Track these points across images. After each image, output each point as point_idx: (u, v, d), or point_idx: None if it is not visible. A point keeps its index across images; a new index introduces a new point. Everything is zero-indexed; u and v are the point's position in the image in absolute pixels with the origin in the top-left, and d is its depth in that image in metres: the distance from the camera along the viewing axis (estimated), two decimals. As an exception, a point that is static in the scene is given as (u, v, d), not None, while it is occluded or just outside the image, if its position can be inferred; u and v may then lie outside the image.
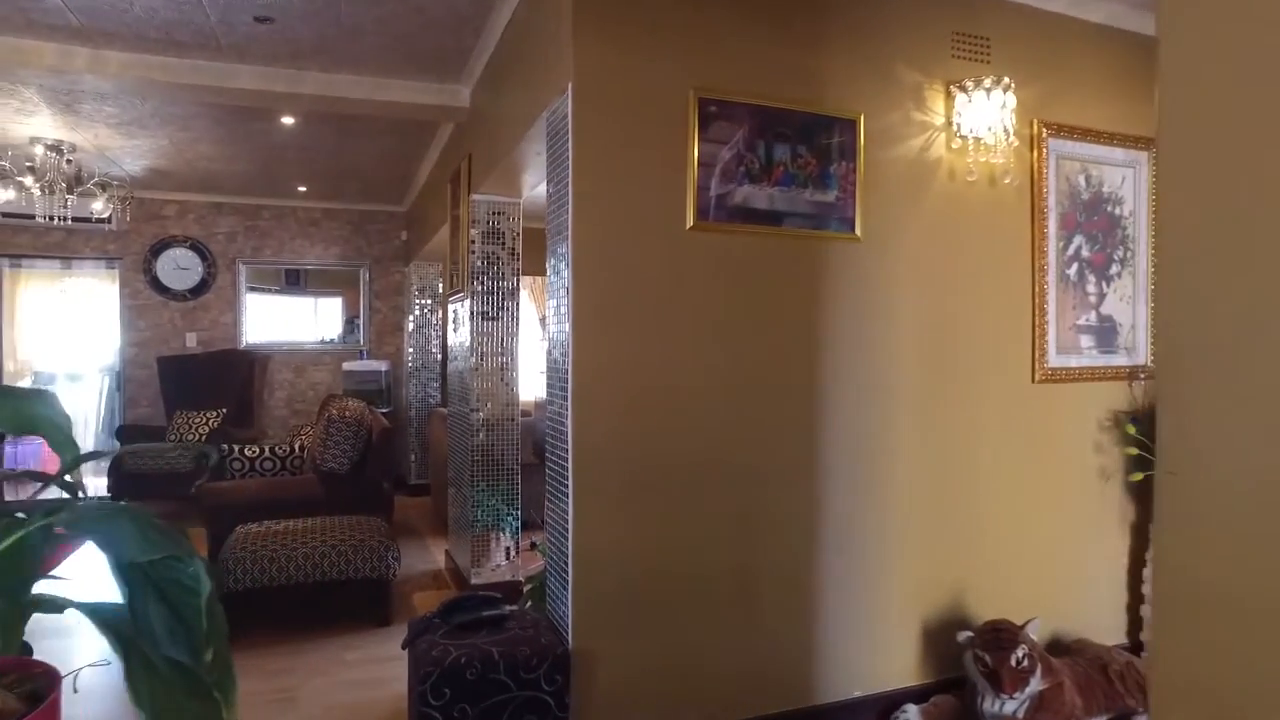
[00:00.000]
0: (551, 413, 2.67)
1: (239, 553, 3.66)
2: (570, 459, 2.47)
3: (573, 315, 2.48)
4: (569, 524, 2.48)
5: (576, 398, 2.46)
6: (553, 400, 2.65)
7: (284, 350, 7.54)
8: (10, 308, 9.21)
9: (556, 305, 2.62)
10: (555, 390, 2.63)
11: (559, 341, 2.59)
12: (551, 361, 2.68)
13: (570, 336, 2.48)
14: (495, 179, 3.96)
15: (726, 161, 2.65)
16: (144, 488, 6.22)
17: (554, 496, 2.66)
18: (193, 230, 7.25)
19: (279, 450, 4.89)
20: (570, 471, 2.47)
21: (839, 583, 2.81)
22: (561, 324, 2.57)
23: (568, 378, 2.48)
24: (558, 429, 2.60)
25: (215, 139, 5.33)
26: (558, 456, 2.60)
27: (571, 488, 2.46)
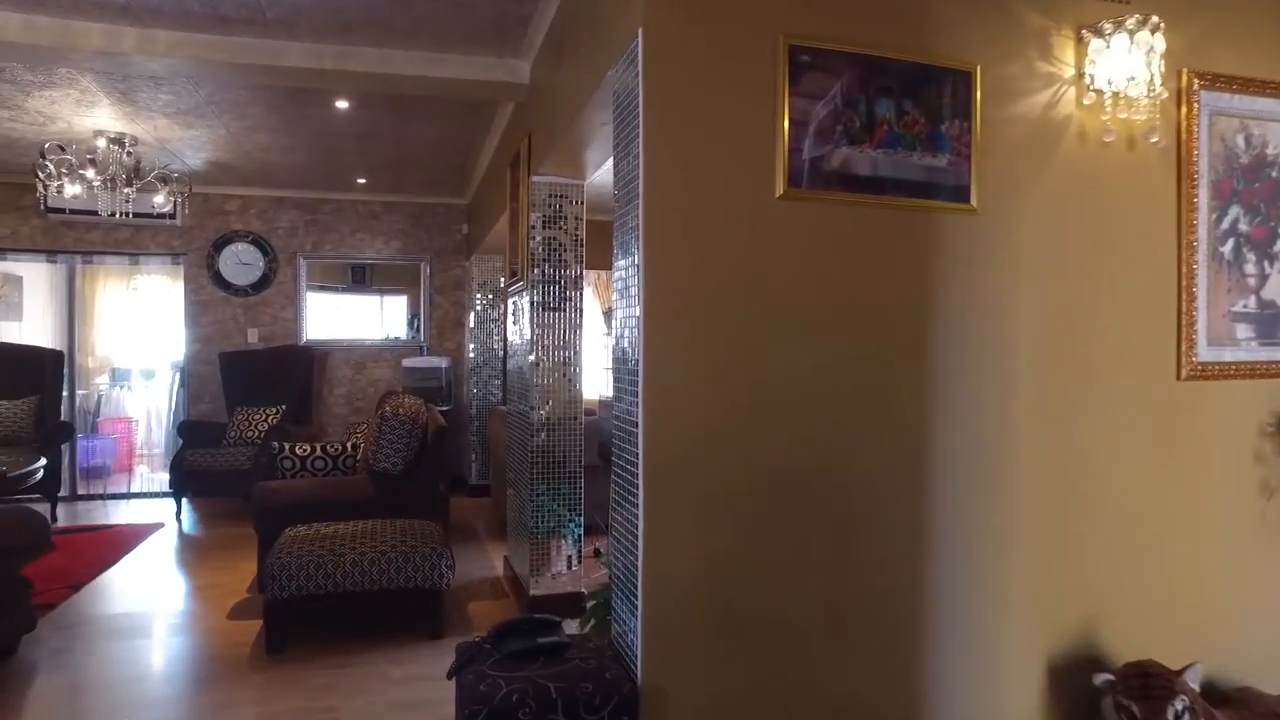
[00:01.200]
0: (619, 411, 2.33)
1: (284, 558, 3.44)
2: (641, 464, 2.13)
3: (644, 300, 2.14)
4: (639, 538, 2.15)
5: (648, 394, 2.12)
6: (621, 397, 2.31)
7: (344, 346, 7.43)
8: (88, 306, 9.39)
9: (626, 289, 2.29)
10: (624, 386, 2.29)
11: (628, 331, 2.26)
12: (619, 354, 2.34)
13: (642, 324, 2.13)
14: (556, 158, 3.66)
15: (822, 119, 2.28)
16: (205, 485, 6.16)
17: (621, 505, 2.32)
18: (254, 225, 7.19)
19: (331, 449, 4.70)
20: (641, 478, 2.13)
21: (949, 611, 2.41)
22: (631, 310, 2.23)
23: (638, 371, 2.14)
24: (626, 429, 2.26)
25: (272, 127, 5.18)
26: (626, 460, 2.27)
27: (642, 496, 2.13)
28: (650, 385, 2.12)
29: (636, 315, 2.17)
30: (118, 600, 4.22)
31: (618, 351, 2.35)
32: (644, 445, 2.12)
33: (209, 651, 3.56)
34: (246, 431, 6.39)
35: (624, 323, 2.30)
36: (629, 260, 2.26)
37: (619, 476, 2.33)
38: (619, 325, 2.34)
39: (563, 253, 3.95)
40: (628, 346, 2.26)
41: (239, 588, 4.35)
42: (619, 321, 2.33)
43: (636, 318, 2.17)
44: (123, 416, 9.09)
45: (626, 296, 2.27)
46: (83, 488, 7.25)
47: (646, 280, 2.14)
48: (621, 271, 2.33)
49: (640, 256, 2.15)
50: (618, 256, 2.37)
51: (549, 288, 3.94)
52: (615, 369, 2.37)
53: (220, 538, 5.53)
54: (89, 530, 5.70)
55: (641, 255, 2.15)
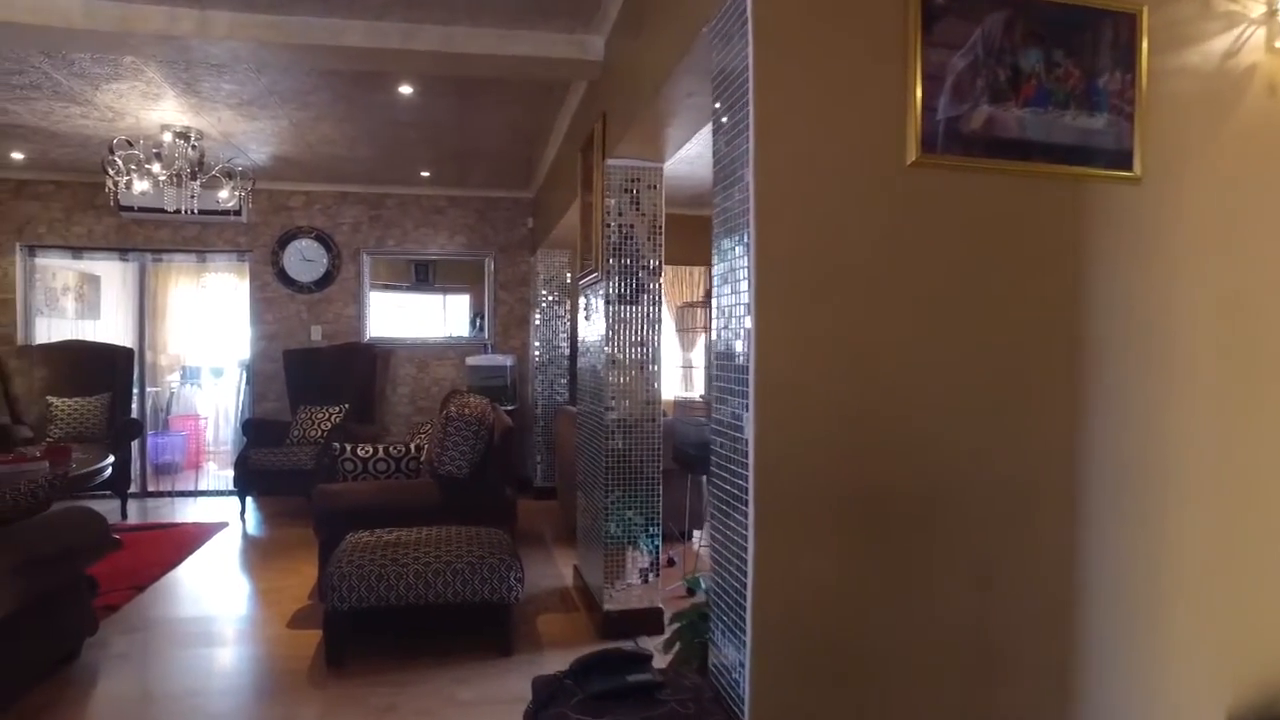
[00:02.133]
0: (723, 414, 2.02)
1: (345, 568, 3.23)
2: (751, 475, 1.81)
3: (756, 288, 1.82)
4: (748, 564, 1.83)
5: (761, 395, 1.81)
6: (725, 399, 2.00)
7: (407, 344, 7.29)
8: (160, 305, 9.52)
9: (731, 274, 1.98)
10: (729, 386, 1.98)
11: (734, 323, 1.95)
12: (723, 352, 2.03)
13: (754, 317, 1.82)
14: (634, 138, 3.37)
15: (960, 72, 1.93)
16: (268, 484, 6.07)
17: (725, 522, 2.01)
18: (318, 221, 7.11)
19: (394, 450, 4.51)
20: (751, 492, 1.81)
21: (1106, 654, 2.03)
22: (739, 299, 1.92)
23: (748, 372, 1.83)
24: (731, 439, 1.95)
25: (335, 117, 5.02)
26: (731, 474, 1.96)
27: (752, 514, 1.81)
28: (763, 385, 1.81)
29: (746, 303, 1.86)
30: (180, 603, 4.10)
31: (721, 351, 2.04)
32: (755, 454, 1.80)
33: (268, 663, 3.38)
34: (309, 430, 6.28)
35: (728, 314, 1.99)
36: (735, 241, 1.95)
37: (722, 489, 2.02)
38: (721, 317, 2.03)
39: (640, 242, 3.66)
40: (735, 345, 1.94)
41: (300, 593, 4.18)
42: (722, 313, 2.03)
43: (746, 305, 1.86)
44: (193, 414, 9.18)
45: (732, 283, 1.96)
46: (153, 484, 7.28)
47: (758, 264, 1.82)
48: (726, 255, 2.02)
49: (751, 236, 1.83)
50: (720, 237, 2.06)
51: (625, 280, 3.65)
52: (718, 370, 2.06)
53: (283, 539, 5.41)
54: (156, 528, 5.65)
55: (752, 235, 1.83)
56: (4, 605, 2.72)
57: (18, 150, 5.90)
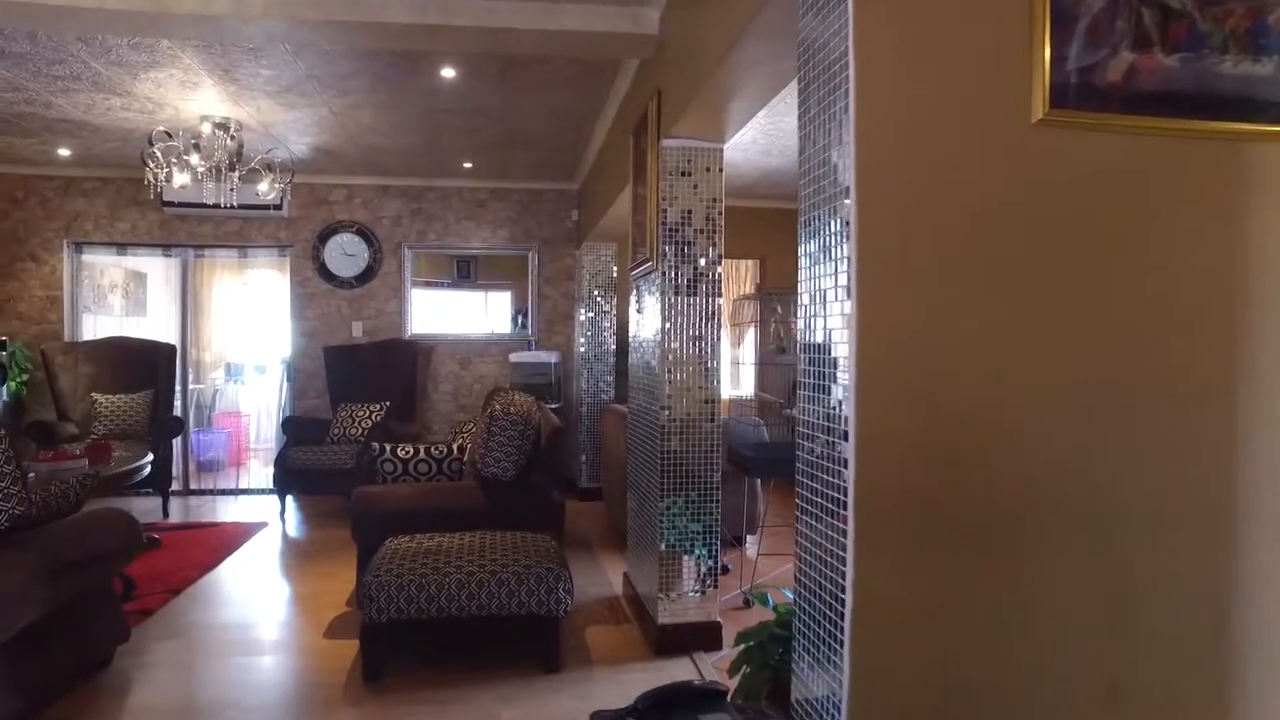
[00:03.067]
0: (811, 415, 1.75)
1: (383, 577, 3.03)
2: (852, 486, 1.54)
3: (857, 269, 1.55)
4: (847, 585, 1.56)
5: (864, 393, 1.53)
6: (815, 396, 1.73)
7: (449, 341, 7.12)
8: (204, 301, 9.52)
9: (825, 255, 1.70)
10: (821, 384, 1.70)
11: (830, 311, 1.67)
12: (814, 343, 1.75)
13: (855, 302, 1.54)
14: (693, 116, 3.12)
15: (1096, 14, 1.63)
16: (308, 483, 5.94)
17: (816, 540, 1.74)
18: (359, 215, 6.97)
19: (436, 451, 4.31)
20: (852, 505, 1.54)
21: (1270, 707, 1.72)
22: (835, 283, 1.64)
23: (849, 364, 1.56)
24: (825, 441, 1.68)
25: (375, 104, 4.84)
26: (824, 481, 1.68)
27: (853, 531, 1.54)
28: (866, 378, 1.54)
29: (844, 285, 1.58)
30: (216, 608, 3.95)
31: (809, 337, 1.77)
32: (857, 457, 1.53)
33: (304, 676, 3.19)
34: (350, 429, 6.14)
35: (820, 299, 1.71)
36: (830, 216, 1.67)
37: (811, 498, 1.75)
38: (811, 303, 1.75)
39: (698, 228, 3.40)
40: (828, 330, 1.67)
41: (339, 599, 4.00)
42: (812, 298, 1.75)
43: (844, 288, 1.58)
44: (236, 411, 9.17)
45: (825, 264, 1.68)
46: (197, 482, 7.22)
47: (860, 242, 1.54)
48: (818, 233, 1.74)
49: (851, 210, 1.56)
50: (811, 212, 1.79)
51: (681, 269, 3.39)
52: (808, 360, 1.78)
53: (322, 540, 5.26)
54: (196, 527, 5.55)
55: (853, 209, 1.55)
56: (32, 611, 2.57)
57: (64, 146, 5.86)
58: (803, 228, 1.81)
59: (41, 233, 6.61)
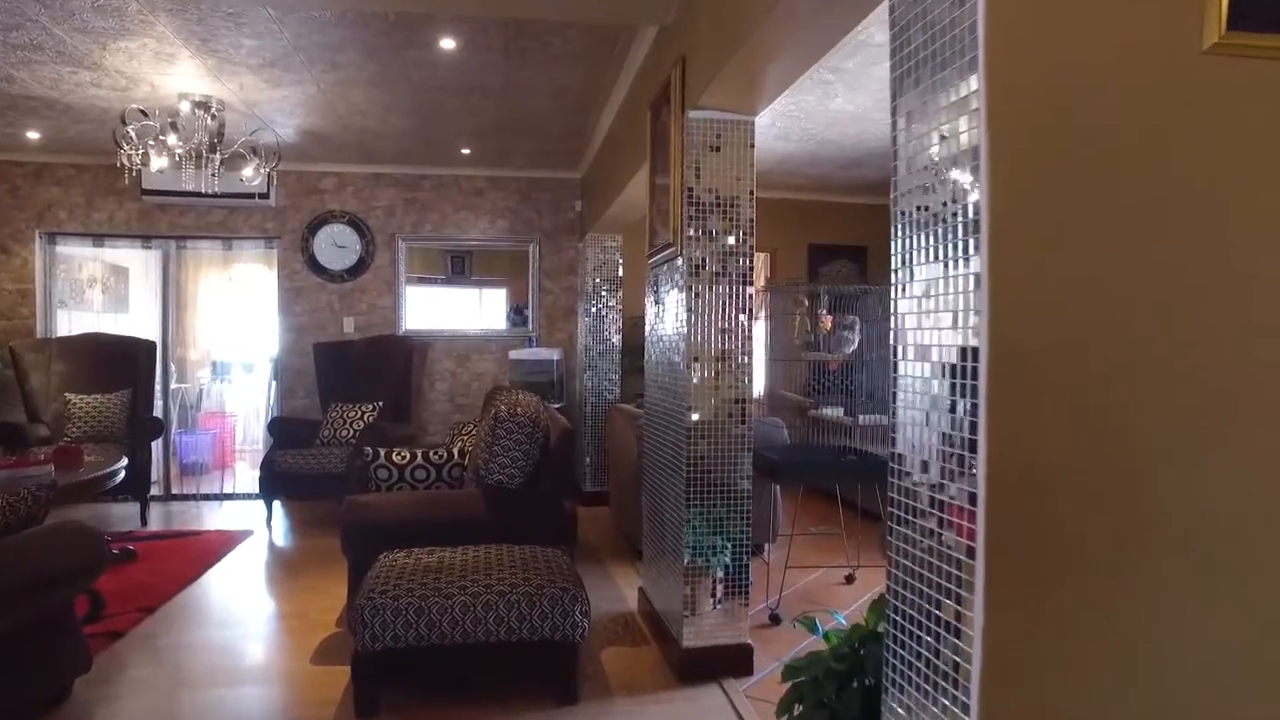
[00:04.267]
0: (906, 419, 1.41)
1: (377, 599, 2.68)
2: (982, 510, 1.20)
3: (989, 239, 1.21)
4: (976, 636, 1.21)
5: (998, 393, 1.19)
6: (916, 401, 1.38)
7: (445, 337, 6.77)
8: (189, 297, 9.14)
9: (941, 224, 1.36)
10: (931, 396, 1.36)
11: (944, 292, 1.33)
12: (915, 346, 1.40)
13: (987, 277, 1.20)
14: (724, 83, 2.78)
15: (1279, -88, 1.30)
16: (296, 488, 5.59)
17: (924, 581, 1.40)
18: (350, 205, 6.61)
19: (435, 456, 3.96)
20: (982, 533, 1.20)
21: None
22: (956, 253, 1.30)
23: (977, 359, 1.21)
24: (938, 466, 1.34)
25: (367, 81, 4.49)
26: (934, 512, 1.34)
27: (983, 566, 1.19)
28: (1000, 375, 1.20)
29: (972, 273, 1.23)
30: (192, 629, 3.59)
31: (912, 323, 1.42)
32: (988, 473, 1.19)
33: (289, 710, 2.84)
34: (341, 430, 5.79)
35: (931, 295, 1.37)
36: (943, 193, 1.33)
37: (913, 520, 1.41)
38: (913, 283, 1.41)
39: (728, 208, 3.07)
40: (938, 315, 1.33)
41: (328, 618, 3.66)
42: (914, 294, 1.41)
43: (971, 276, 1.24)
44: (223, 411, 8.81)
45: (940, 235, 1.33)
46: (179, 486, 6.84)
47: (993, 204, 1.20)
48: (922, 221, 1.40)
49: (981, 163, 1.21)
50: (908, 198, 1.45)
51: (709, 255, 3.06)
52: (913, 353, 1.44)
53: (310, 550, 4.91)
54: (176, 536, 5.19)
55: (984, 163, 1.21)
56: (-29, 643, 2.22)
57: (33, 129, 5.48)
58: (899, 216, 1.46)
59: (12, 222, 6.23)
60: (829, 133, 5.20)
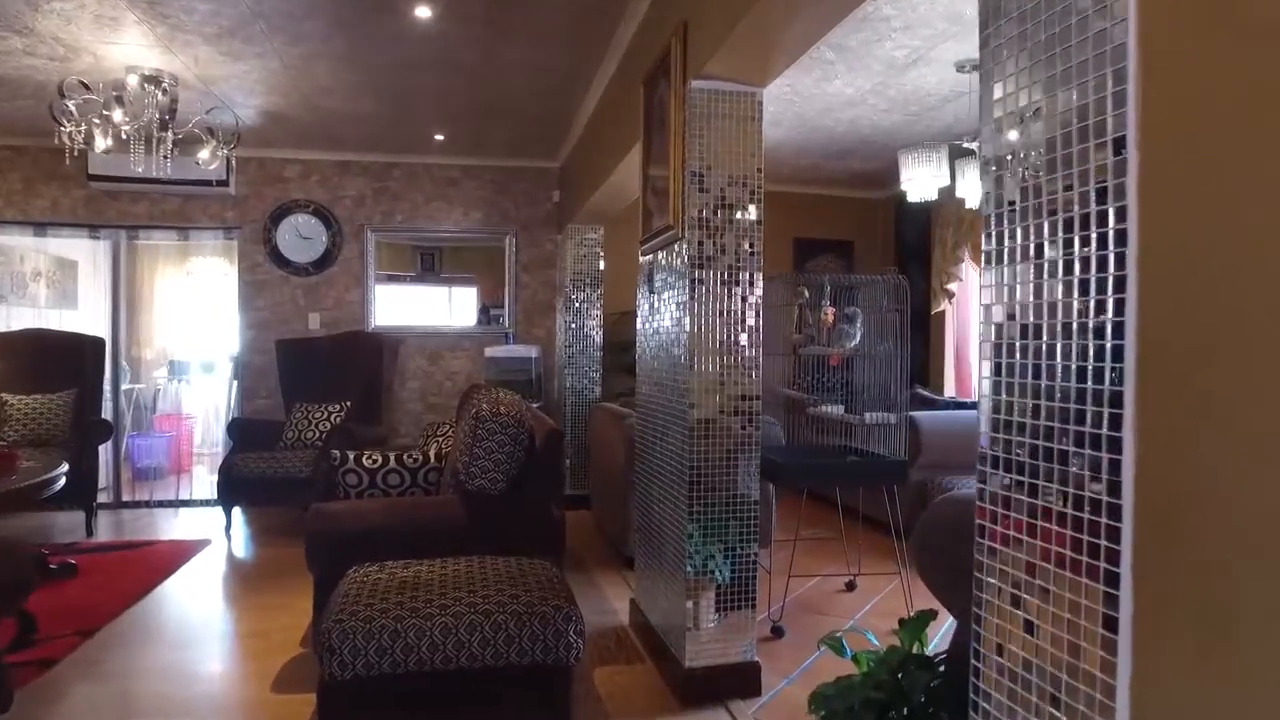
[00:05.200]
0: (1003, 432, 1.15)
1: (347, 621, 2.38)
2: (1129, 534, 0.94)
3: (1139, 198, 0.94)
4: (1118, 687, 0.96)
5: (1150, 393, 0.93)
6: (1034, 401, 1.13)
7: (417, 334, 6.44)
8: (144, 293, 8.68)
9: (1062, 182, 1.10)
10: (1057, 374, 1.11)
11: (1073, 266, 1.07)
12: (1024, 327, 1.15)
13: (1136, 248, 0.94)
14: (732, 49, 2.53)
15: None
16: (258, 494, 5.24)
17: (1034, 597, 1.15)
18: (316, 194, 6.25)
19: (409, 459, 3.65)
20: (1128, 563, 0.94)
21: None
22: (1089, 211, 1.04)
23: (1122, 355, 0.95)
24: (1068, 455, 1.08)
25: (334, 54, 4.16)
26: (1057, 521, 1.09)
27: (1130, 603, 0.94)
28: (1153, 371, 0.94)
29: (1100, 214, 0.98)
30: (137, 653, 3.24)
31: (1011, 309, 1.16)
32: (1136, 491, 0.94)
33: (246, 746, 2.53)
34: (306, 432, 5.44)
35: (1047, 243, 1.11)
36: (1083, 99, 1.08)
37: (1014, 537, 1.15)
38: (1022, 259, 1.16)
39: (735, 189, 2.81)
40: (1053, 299, 1.07)
41: (291, 638, 3.34)
42: (1024, 247, 1.15)
43: (1101, 218, 0.99)
44: (180, 413, 8.38)
45: (1064, 196, 1.08)
46: (131, 493, 6.43)
47: (1144, 152, 0.94)
48: (1043, 166, 1.15)
49: (1131, 98, 0.96)
50: (1015, 107, 1.19)
51: (712, 238, 2.80)
52: (1019, 346, 1.18)
53: (273, 561, 4.56)
54: (124, 548, 4.80)
55: (1134, 95, 0.95)
56: None
57: (-35, 106, 5.06)
58: (986, 148, 1.21)
59: (-56, 209, 5.79)
60: (823, 119, 4.98)
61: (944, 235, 6.23)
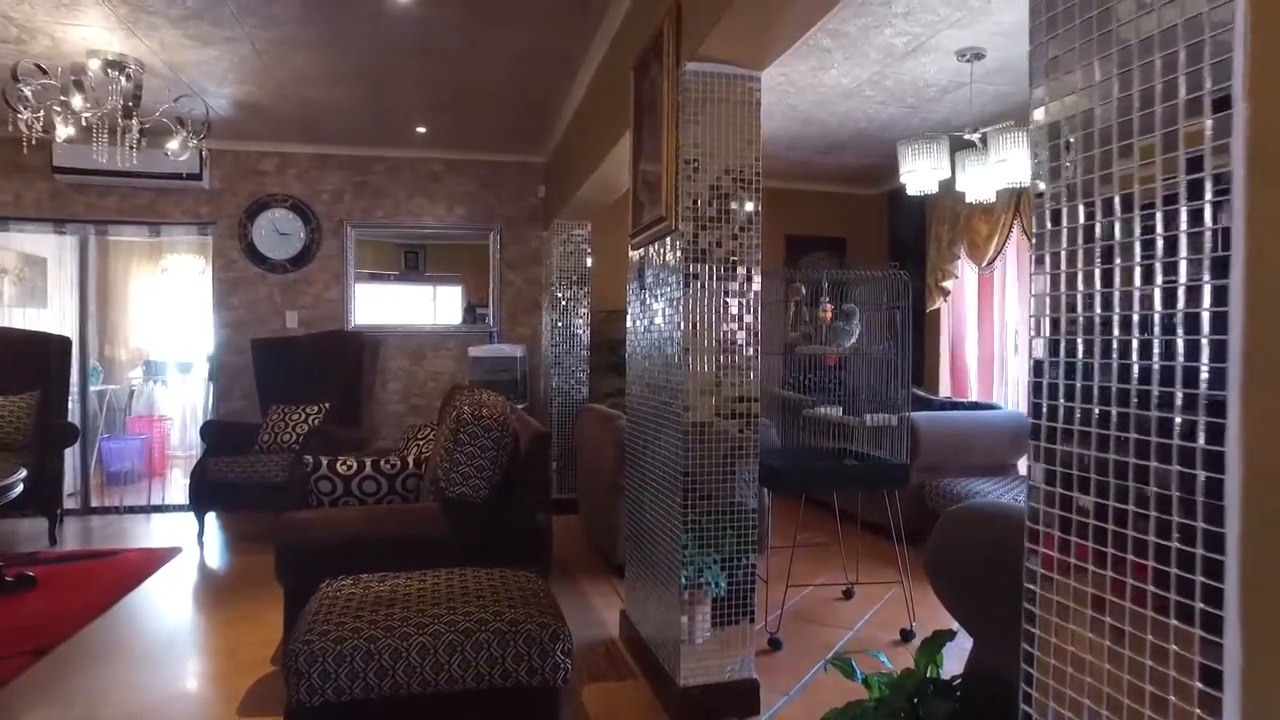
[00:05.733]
0: (1078, 446, 0.99)
1: (317, 642, 2.20)
2: (1235, 561, 0.78)
3: (1247, 107, 0.78)
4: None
5: (1258, 370, 0.77)
6: (1101, 398, 0.97)
7: (399, 333, 6.24)
8: (119, 292, 8.45)
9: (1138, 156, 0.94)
10: (1129, 392, 0.95)
11: (1163, 254, 0.91)
12: (1108, 321, 0.99)
13: (1241, 182, 0.79)
14: (729, 29, 2.37)
15: None
16: (232, 499, 5.04)
17: (1110, 627, 0.99)
18: (294, 188, 6.04)
19: (387, 465, 3.47)
20: (1235, 590, 0.79)
21: None
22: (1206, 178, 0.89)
23: (1227, 353, 0.79)
24: (1157, 466, 0.92)
25: (309, 40, 3.97)
26: (1135, 545, 0.93)
27: (1239, 651, 0.78)
28: (1265, 378, 0.78)
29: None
30: (94, 673, 3.04)
31: (1088, 309, 1.00)
32: (1244, 510, 0.78)
33: (207, 777, 2.35)
34: (283, 435, 5.24)
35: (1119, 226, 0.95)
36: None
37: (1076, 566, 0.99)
38: (1082, 236, 1.00)
39: (732, 177, 2.65)
40: (1140, 293, 0.91)
41: (261, 656, 3.15)
42: (1093, 227, 1.00)
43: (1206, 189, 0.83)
44: (157, 415, 8.15)
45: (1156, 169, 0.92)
46: (101, 498, 6.20)
47: (1253, 94, 0.79)
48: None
49: (1240, 23, 0.80)
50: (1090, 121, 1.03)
51: (712, 230, 2.64)
52: (1082, 348, 1.03)
53: (246, 570, 4.37)
54: (90, 557, 4.59)
55: (1241, 24, 0.80)
56: None
57: (-78, 95, 4.82)
58: (1041, 114, 1.05)
59: (-99, 203, 5.54)
60: (817, 111, 4.83)
61: (939, 232, 6.11)
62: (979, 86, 4.20)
